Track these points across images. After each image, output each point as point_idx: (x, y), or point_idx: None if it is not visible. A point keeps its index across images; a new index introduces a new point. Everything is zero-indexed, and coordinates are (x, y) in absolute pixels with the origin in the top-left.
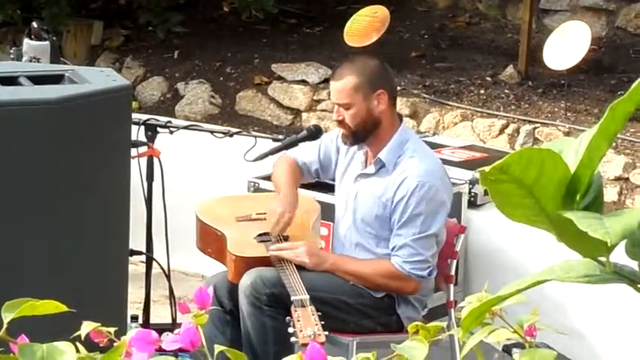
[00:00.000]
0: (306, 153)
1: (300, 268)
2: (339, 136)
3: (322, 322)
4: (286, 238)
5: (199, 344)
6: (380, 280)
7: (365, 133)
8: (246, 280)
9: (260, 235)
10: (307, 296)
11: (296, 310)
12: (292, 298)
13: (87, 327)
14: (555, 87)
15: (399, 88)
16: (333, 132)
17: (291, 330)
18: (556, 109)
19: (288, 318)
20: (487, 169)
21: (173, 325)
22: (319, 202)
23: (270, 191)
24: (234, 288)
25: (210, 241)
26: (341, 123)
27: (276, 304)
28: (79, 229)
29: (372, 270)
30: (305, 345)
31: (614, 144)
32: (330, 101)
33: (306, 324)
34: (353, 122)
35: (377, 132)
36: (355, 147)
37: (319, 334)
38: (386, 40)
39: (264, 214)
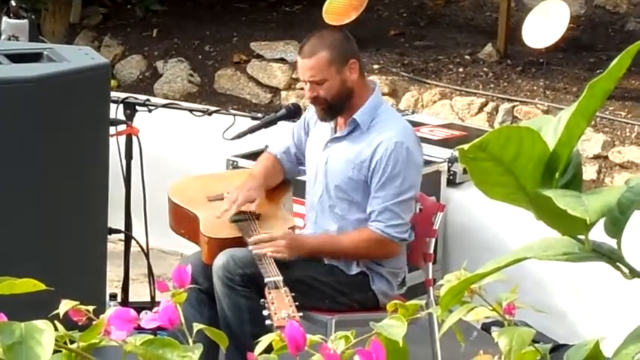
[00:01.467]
0: (283, 141)
1: None
2: (312, 115)
3: (297, 304)
4: (258, 217)
5: (178, 322)
6: (363, 252)
7: (341, 104)
8: (218, 262)
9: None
10: (280, 277)
11: (270, 292)
12: (266, 280)
13: (65, 305)
14: (534, 65)
15: (377, 66)
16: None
17: (265, 313)
18: (535, 88)
19: (262, 300)
20: (466, 146)
21: (152, 304)
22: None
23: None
24: (210, 268)
25: (183, 221)
26: (316, 99)
27: (249, 284)
28: (58, 207)
29: (353, 243)
30: (280, 327)
31: (593, 122)
32: (301, 79)
33: (280, 306)
34: (329, 96)
35: (351, 100)
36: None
37: (294, 316)
38: (365, 18)
39: None
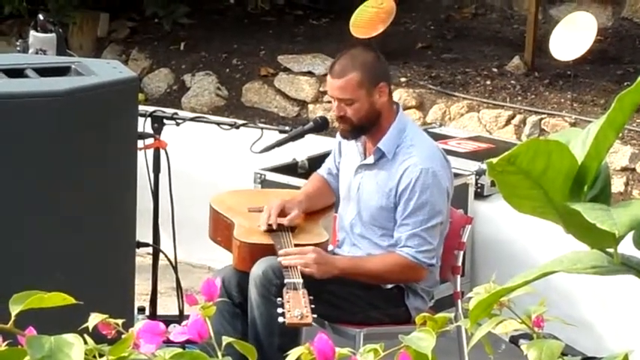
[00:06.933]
0: (326, 162)
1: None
2: (339, 134)
3: (312, 306)
4: (293, 230)
5: (207, 336)
6: (389, 275)
7: (367, 126)
8: (257, 270)
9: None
10: (301, 280)
11: (287, 292)
12: (286, 280)
13: (94, 319)
14: (561, 78)
15: (404, 79)
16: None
17: (280, 310)
18: (562, 100)
19: (279, 299)
20: (495, 160)
21: (180, 317)
22: None
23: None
24: (244, 281)
25: (221, 229)
26: (342, 118)
27: None
28: (86, 220)
29: (383, 267)
30: (292, 324)
31: (620, 134)
32: (330, 96)
33: (295, 305)
34: (356, 117)
35: (377, 123)
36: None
37: (307, 316)
38: (392, 31)
39: None
